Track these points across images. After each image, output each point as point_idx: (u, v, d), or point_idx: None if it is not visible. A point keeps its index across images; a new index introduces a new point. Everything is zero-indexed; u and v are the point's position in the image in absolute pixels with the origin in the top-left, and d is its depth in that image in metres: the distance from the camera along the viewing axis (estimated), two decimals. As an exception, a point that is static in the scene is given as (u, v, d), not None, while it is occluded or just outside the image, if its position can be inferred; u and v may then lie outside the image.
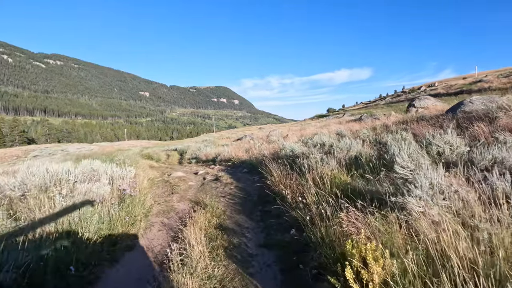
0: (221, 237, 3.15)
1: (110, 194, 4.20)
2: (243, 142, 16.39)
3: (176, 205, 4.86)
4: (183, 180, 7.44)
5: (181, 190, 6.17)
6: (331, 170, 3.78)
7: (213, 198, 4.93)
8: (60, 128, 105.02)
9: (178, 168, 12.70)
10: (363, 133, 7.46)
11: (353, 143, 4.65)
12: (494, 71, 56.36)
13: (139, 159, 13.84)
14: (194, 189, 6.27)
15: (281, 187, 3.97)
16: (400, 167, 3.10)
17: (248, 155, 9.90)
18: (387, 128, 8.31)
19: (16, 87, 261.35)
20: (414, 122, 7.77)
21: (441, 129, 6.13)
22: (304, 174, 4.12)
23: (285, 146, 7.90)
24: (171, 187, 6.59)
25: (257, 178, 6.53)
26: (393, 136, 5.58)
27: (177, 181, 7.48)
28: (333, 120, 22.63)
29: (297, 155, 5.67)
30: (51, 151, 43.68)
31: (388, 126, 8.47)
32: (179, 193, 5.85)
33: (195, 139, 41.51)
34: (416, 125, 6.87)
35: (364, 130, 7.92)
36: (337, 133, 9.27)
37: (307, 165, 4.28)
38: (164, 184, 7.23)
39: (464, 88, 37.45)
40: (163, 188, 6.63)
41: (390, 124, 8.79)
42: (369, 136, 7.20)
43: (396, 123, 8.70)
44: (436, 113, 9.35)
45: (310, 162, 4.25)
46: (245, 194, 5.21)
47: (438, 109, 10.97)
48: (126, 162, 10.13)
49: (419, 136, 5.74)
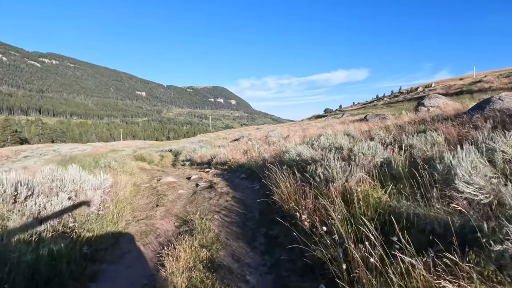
0: (212, 284, 2.21)
1: (68, 217, 3.23)
2: (240, 143, 15.47)
3: (158, 224, 3.91)
4: (172, 188, 6.49)
5: (168, 201, 5.22)
6: (358, 183, 2.87)
7: (204, 214, 4.01)
8: (54, 128, 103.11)
9: (171, 171, 11.75)
10: (377, 134, 6.56)
11: (378, 147, 3.74)
12: (493, 71, 55.97)
13: (130, 161, 12.85)
14: (183, 199, 5.32)
15: (292, 205, 3.05)
16: (464, 183, 2.19)
17: (247, 158, 8.97)
18: (401, 129, 7.43)
19: (10, 86, 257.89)
20: (435, 122, 6.89)
21: (475, 130, 5.26)
22: (320, 187, 3.21)
23: (288, 148, 6.99)
24: (157, 197, 5.65)
25: (257, 186, 5.59)
26: (420, 138, 4.68)
27: (166, 188, 6.53)
28: (334, 120, 21.77)
29: (306, 161, 4.75)
30: (42, 151, 42.42)
31: (402, 126, 7.59)
32: (165, 206, 4.90)
33: (191, 140, 40.50)
34: (440, 125, 5.99)
35: (378, 131, 7.02)
36: (346, 133, 8.38)
37: (323, 174, 3.37)
38: (150, 192, 6.28)
39: (464, 88, 36.89)
40: (148, 198, 5.68)
41: (404, 124, 7.90)
42: (384, 137, 6.30)
43: (411, 123, 7.81)
44: (453, 112, 8.49)
45: (326, 171, 3.34)
46: (244, 208, 4.27)
47: (453, 108, 10.10)
48: (111, 166, 9.18)
49: (450, 138, 4.85)
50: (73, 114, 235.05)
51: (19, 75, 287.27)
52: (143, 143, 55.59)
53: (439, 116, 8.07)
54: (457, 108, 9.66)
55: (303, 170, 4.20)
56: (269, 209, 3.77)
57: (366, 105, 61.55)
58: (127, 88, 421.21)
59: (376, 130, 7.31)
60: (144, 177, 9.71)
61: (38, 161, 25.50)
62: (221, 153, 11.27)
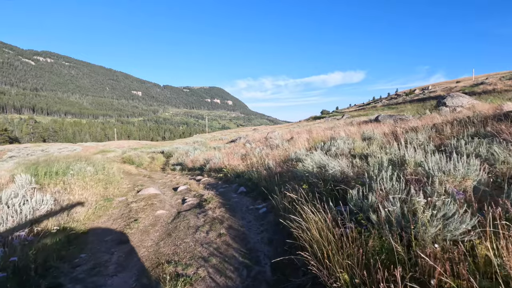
0: None
1: None
2: (237, 146, 14.00)
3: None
4: (150, 206, 5.02)
5: (138, 231, 3.73)
6: (464, 235, 1.45)
7: (184, 264, 2.55)
8: (46, 127, 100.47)
9: (158, 177, 10.25)
10: (414, 138, 5.14)
11: (473, 162, 2.29)
12: (494, 74, 55.23)
13: (114, 165, 11.30)
14: (160, 227, 3.85)
15: (337, 273, 1.61)
16: None
17: (246, 165, 7.52)
18: (438, 132, 6.03)
19: (3, 84, 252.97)
20: (483, 123, 5.50)
21: None
22: (384, 237, 1.78)
23: (299, 155, 5.55)
24: (126, 221, 4.16)
25: (263, 208, 4.12)
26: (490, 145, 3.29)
27: (143, 206, 5.06)
28: (338, 122, 20.35)
29: (335, 177, 3.29)
30: (29, 151, 40.37)
31: (439, 129, 6.18)
32: (131, 241, 3.40)
33: (185, 140, 38.92)
34: (502, 127, 4.58)
35: (411, 134, 5.61)
36: (365, 137, 6.97)
37: (392, 216, 1.92)
38: (121, 212, 4.81)
39: (466, 90, 35.95)
40: (114, 223, 4.19)
41: (440, 126, 6.48)
42: (425, 143, 4.88)
43: (447, 124, 6.38)
44: (491, 112, 7.11)
45: (400, 210, 1.90)
46: (248, 253, 2.75)
47: (485, 108, 8.71)
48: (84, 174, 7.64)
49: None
50: (68, 113, 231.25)
51: (13, 73, 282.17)
52: (137, 143, 53.59)
53: (477, 116, 6.69)
54: (492, 107, 8.27)
55: (335, 191, 2.76)
56: (291, 265, 2.30)
57: (365, 107, 60.34)
58: (123, 87, 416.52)
59: (410, 133, 5.89)
60: (124, 186, 8.22)
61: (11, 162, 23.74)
62: (216, 157, 9.81)
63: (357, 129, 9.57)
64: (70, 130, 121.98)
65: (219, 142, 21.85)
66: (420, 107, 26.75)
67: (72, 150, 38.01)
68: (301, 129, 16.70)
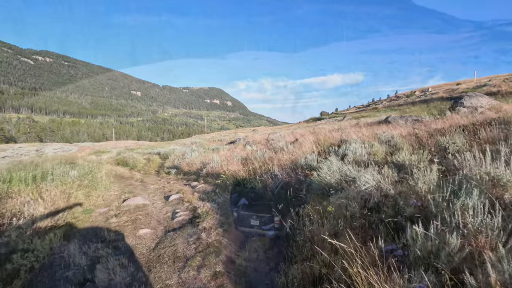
0: None
1: None
2: (237, 148, 13.16)
3: None
4: (134, 221, 4.18)
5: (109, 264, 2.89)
6: None
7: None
8: (44, 126, 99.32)
9: (151, 181, 9.40)
10: (450, 143, 4.32)
11: None
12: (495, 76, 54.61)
13: (104, 168, 10.47)
14: (139, 256, 3.00)
15: None
16: None
17: (247, 170, 6.69)
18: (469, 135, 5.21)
19: (2, 83, 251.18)
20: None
21: None
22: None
23: (309, 161, 4.73)
24: (99, 245, 3.31)
25: (270, 230, 3.29)
26: None
27: (124, 221, 4.23)
28: (342, 123, 19.49)
29: (370, 195, 2.46)
30: (24, 151, 39.32)
31: (470, 132, 5.37)
32: (96, 282, 2.57)
33: (184, 141, 38.00)
34: None
35: (440, 138, 4.79)
36: (383, 141, 6.15)
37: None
38: (94, 232, 3.95)
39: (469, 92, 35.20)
40: (82, 250, 3.33)
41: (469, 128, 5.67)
42: (463, 148, 4.07)
43: (480, 125, 5.55)
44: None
45: None
46: None
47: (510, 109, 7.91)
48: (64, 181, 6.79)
49: None
50: (66, 113, 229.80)
51: (11, 72, 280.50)
52: (135, 143, 52.48)
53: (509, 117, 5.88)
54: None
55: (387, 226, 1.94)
56: None
57: (365, 109, 59.53)
58: (122, 87, 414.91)
59: (436, 137, 5.07)
60: (111, 193, 7.38)
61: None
62: (214, 160, 8.97)
63: (368, 130, 8.75)
64: (68, 130, 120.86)
65: (218, 143, 21.00)
66: (425, 108, 25.92)
67: (68, 150, 37.05)
68: (303, 131, 15.85)
